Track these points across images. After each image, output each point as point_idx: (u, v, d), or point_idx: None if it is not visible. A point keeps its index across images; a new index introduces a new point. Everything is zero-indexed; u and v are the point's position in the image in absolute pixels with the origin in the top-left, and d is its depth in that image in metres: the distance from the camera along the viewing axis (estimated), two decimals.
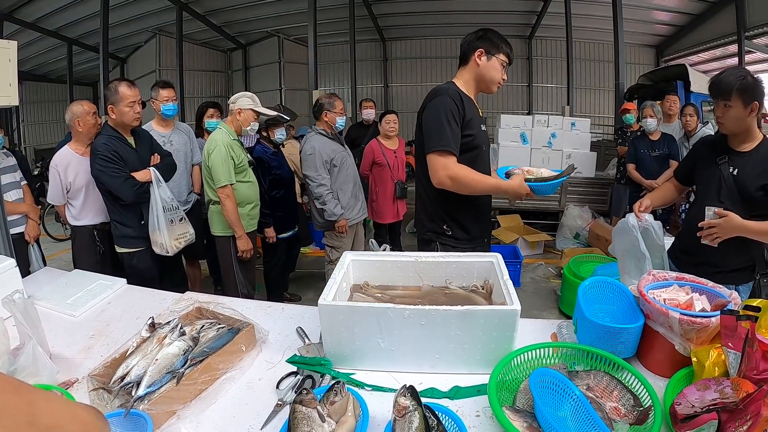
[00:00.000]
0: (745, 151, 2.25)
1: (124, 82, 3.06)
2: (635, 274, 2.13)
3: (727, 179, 2.25)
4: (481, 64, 2.32)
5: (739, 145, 2.27)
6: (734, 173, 2.24)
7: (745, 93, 2.11)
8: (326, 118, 4.11)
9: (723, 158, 2.30)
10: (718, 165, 2.30)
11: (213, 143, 3.38)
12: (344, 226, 4.11)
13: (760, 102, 2.15)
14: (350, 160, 4.26)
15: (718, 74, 2.23)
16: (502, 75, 2.35)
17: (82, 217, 3.33)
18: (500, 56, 2.32)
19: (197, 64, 13.59)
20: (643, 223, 2.25)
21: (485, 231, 2.57)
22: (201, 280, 4.63)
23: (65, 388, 1.48)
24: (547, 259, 6.42)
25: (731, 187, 2.24)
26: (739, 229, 2.14)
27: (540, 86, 14.32)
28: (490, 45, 2.30)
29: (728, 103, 2.15)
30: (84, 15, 10.91)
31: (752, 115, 2.16)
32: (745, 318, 1.29)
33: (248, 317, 1.79)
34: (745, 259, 2.29)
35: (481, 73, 2.34)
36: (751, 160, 2.22)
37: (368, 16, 12.19)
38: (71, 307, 2.15)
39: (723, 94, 2.16)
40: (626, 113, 6.30)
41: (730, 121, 2.20)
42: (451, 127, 2.18)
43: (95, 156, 2.97)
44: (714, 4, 10.79)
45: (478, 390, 1.47)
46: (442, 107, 2.21)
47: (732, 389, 1.23)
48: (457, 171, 2.18)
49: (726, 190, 2.26)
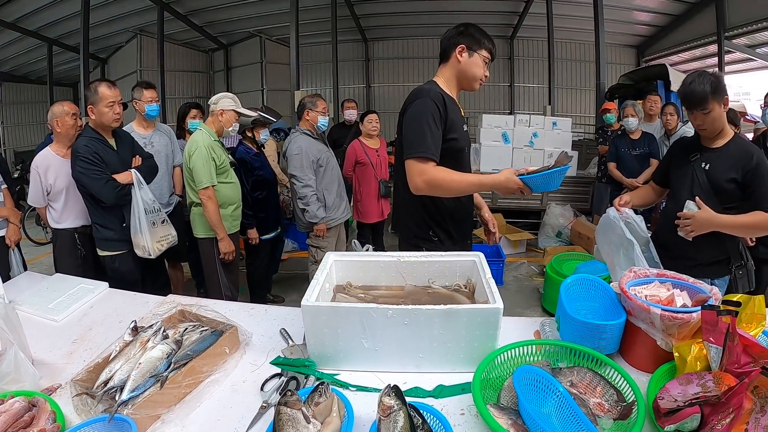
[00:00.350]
0: (716, 147, 2.33)
1: (104, 83, 3.02)
2: (625, 264, 2.16)
3: (700, 174, 2.33)
4: (463, 61, 2.23)
5: (712, 143, 2.35)
6: (706, 168, 2.32)
7: (717, 93, 2.19)
8: (308, 117, 4.11)
9: (695, 155, 2.38)
10: (692, 162, 2.38)
11: (194, 144, 3.36)
12: (323, 230, 4.10)
13: (727, 96, 2.24)
14: (334, 161, 4.28)
15: (687, 87, 2.25)
16: (484, 72, 2.27)
17: (63, 219, 3.28)
18: (482, 52, 2.22)
19: (178, 65, 13.44)
20: (624, 216, 2.29)
21: (468, 232, 2.57)
22: (184, 282, 4.60)
23: (48, 394, 1.46)
24: (530, 257, 6.49)
25: (704, 182, 2.32)
26: (712, 223, 2.20)
27: (522, 86, 14.37)
28: (472, 41, 2.21)
29: (706, 109, 2.21)
30: (64, 15, 10.73)
31: (724, 109, 2.24)
32: (725, 313, 1.31)
33: (231, 319, 1.78)
34: (719, 252, 2.36)
35: (463, 70, 2.25)
36: (722, 155, 2.30)
37: (350, 17, 12.15)
38: (53, 311, 2.12)
39: (699, 103, 2.22)
40: (607, 113, 6.35)
41: (712, 124, 2.27)
42: (432, 131, 2.09)
43: (76, 158, 2.94)
44: (694, 5, 10.92)
45: (463, 388, 1.48)
46: (423, 110, 2.11)
47: (714, 383, 1.24)
48: (434, 174, 2.08)
49: (699, 184, 2.33)
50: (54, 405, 1.36)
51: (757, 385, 1.19)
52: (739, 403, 1.14)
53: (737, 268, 2.38)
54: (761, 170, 2.19)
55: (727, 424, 1.13)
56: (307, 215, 4.02)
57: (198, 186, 3.35)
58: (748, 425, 1.14)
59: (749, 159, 2.21)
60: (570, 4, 11.02)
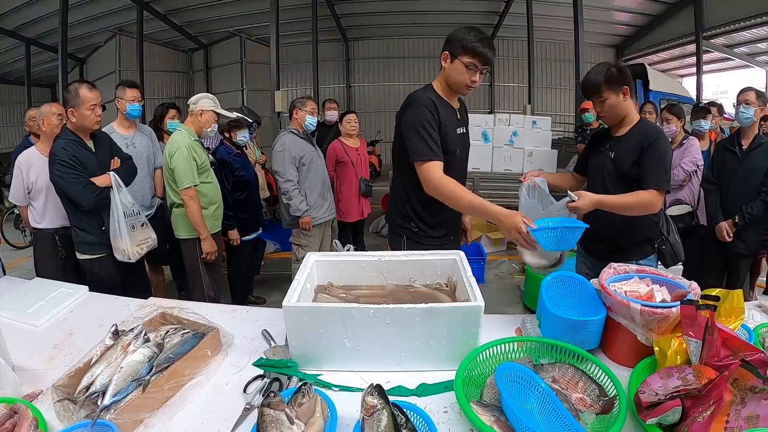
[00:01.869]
0: (620, 135, 2.41)
1: (85, 85, 2.98)
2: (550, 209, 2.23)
3: (608, 164, 2.42)
4: (447, 68, 2.26)
5: (617, 131, 2.44)
6: (612, 156, 2.40)
7: (612, 82, 2.29)
8: (296, 115, 4.18)
9: (605, 146, 2.47)
10: (602, 152, 2.47)
11: (174, 145, 3.33)
12: (309, 222, 4.15)
13: (630, 86, 2.32)
14: (320, 161, 4.33)
15: (585, 77, 2.41)
16: (470, 77, 2.22)
17: (44, 219, 3.26)
18: (463, 58, 2.17)
19: (158, 65, 13.30)
20: (528, 182, 2.39)
21: (453, 229, 2.58)
22: (165, 285, 4.55)
23: (29, 401, 1.43)
24: (511, 255, 6.52)
25: (611, 171, 2.40)
26: (596, 203, 2.20)
27: (502, 85, 14.46)
28: (452, 47, 2.20)
29: (601, 97, 2.32)
30: (43, 14, 10.58)
31: (626, 99, 2.33)
32: (704, 307, 1.33)
33: (213, 321, 1.77)
34: (637, 234, 2.45)
35: (448, 77, 2.29)
36: (626, 141, 2.37)
37: (331, 16, 12.14)
38: (32, 316, 2.08)
39: (594, 91, 2.35)
40: (585, 112, 6.42)
41: (609, 111, 2.38)
42: (429, 132, 2.19)
43: (54, 161, 2.90)
44: (673, 6, 11.10)
45: (445, 386, 1.49)
46: (417, 117, 2.22)
47: (694, 376, 1.26)
48: (440, 183, 2.18)
49: (608, 174, 2.42)
50: (36, 411, 1.34)
51: (737, 378, 1.21)
52: (720, 396, 1.16)
53: (660, 244, 2.47)
54: (655, 151, 2.26)
55: (708, 417, 1.15)
56: (290, 209, 4.07)
57: (180, 186, 3.32)
58: (729, 417, 1.15)
59: (645, 140, 2.28)
60: (550, 4, 11.13)
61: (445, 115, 2.28)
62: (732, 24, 9.89)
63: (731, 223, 3.58)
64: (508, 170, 7.09)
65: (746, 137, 3.61)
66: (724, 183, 3.66)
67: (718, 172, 3.73)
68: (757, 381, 1.18)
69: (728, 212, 3.61)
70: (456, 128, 2.37)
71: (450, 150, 2.30)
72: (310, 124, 4.25)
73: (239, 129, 4.23)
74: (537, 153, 6.99)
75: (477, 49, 2.16)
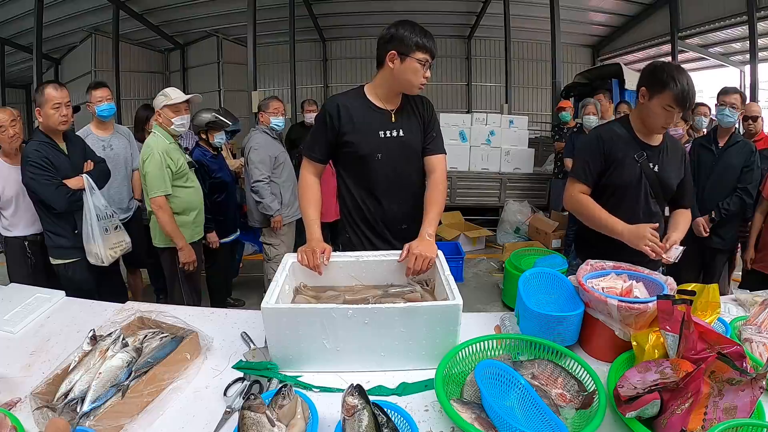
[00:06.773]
0: (657, 144, 2.33)
1: (52, 84, 2.93)
2: None
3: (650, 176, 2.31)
4: (395, 68, 2.07)
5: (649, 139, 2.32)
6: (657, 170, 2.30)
7: None
8: (261, 118, 4.24)
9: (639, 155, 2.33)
10: (638, 163, 2.37)
11: (147, 150, 3.19)
12: (280, 221, 4.16)
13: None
14: (289, 161, 4.37)
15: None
16: (423, 73, 2.08)
17: (14, 227, 3.17)
18: (416, 55, 2.03)
19: (134, 65, 13.12)
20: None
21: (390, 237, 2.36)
22: (143, 288, 4.49)
23: (8, 409, 1.40)
24: (489, 253, 6.57)
25: (656, 184, 2.31)
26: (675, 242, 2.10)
27: (479, 85, 14.52)
28: (401, 45, 2.04)
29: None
30: (17, 13, 10.35)
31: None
32: (680, 302, 1.35)
33: (192, 325, 1.75)
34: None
35: (397, 77, 2.10)
36: (665, 152, 2.31)
37: (308, 16, 12.09)
38: (9, 323, 2.03)
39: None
40: (562, 111, 6.47)
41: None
42: (316, 136, 2.32)
43: (26, 163, 2.83)
44: (649, 6, 11.26)
45: (426, 385, 1.49)
46: (317, 118, 2.35)
47: (672, 370, 1.28)
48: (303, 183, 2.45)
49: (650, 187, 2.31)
50: (14, 420, 1.31)
51: (714, 370, 1.24)
52: (697, 388, 1.18)
53: None
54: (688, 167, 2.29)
55: (687, 409, 1.17)
56: (260, 207, 4.09)
57: (149, 194, 3.19)
58: (707, 409, 1.18)
59: (683, 154, 2.29)
60: (527, 4, 11.21)
61: (361, 119, 2.17)
62: (707, 24, 10.06)
63: (708, 218, 3.63)
64: (485, 169, 7.17)
65: (723, 136, 3.66)
66: (700, 180, 3.68)
67: (695, 170, 3.79)
68: (734, 373, 1.20)
69: (705, 208, 3.67)
70: (380, 131, 2.20)
71: (364, 153, 2.20)
72: (276, 125, 4.27)
73: (216, 131, 4.16)
74: (514, 152, 7.09)
75: (428, 45, 2.06)
